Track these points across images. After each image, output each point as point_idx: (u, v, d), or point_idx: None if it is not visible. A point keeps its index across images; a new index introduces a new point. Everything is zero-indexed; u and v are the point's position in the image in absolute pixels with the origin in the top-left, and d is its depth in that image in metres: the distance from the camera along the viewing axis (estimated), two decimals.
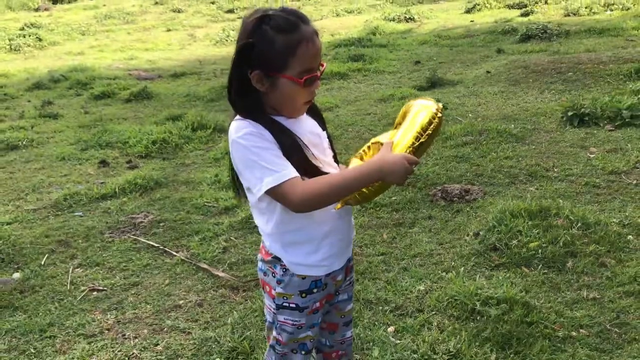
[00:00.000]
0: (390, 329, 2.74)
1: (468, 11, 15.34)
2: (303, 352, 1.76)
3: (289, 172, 1.48)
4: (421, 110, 1.60)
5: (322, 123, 1.73)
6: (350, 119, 6.45)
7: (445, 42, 11.35)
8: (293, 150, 1.53)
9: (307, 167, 1.55)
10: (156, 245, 3.77)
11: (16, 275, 3.44)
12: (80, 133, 6.54)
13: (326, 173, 1.58)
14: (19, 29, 16.52)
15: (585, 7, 12.92)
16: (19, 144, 6.16)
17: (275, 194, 1.50)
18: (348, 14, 17.50)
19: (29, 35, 14.92)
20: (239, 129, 1.52)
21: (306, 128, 1.63)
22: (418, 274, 3.21)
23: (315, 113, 1.71)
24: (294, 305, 1.68)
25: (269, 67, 1.50)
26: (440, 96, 7.05)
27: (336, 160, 1.74)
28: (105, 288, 3.29)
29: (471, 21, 13.75)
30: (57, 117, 7.30)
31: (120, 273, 3.46)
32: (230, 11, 19.30)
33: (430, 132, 1.56)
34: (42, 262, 3.61)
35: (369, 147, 1.68)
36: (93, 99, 8.27)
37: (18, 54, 13.63)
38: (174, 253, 3.65)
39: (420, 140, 1.54)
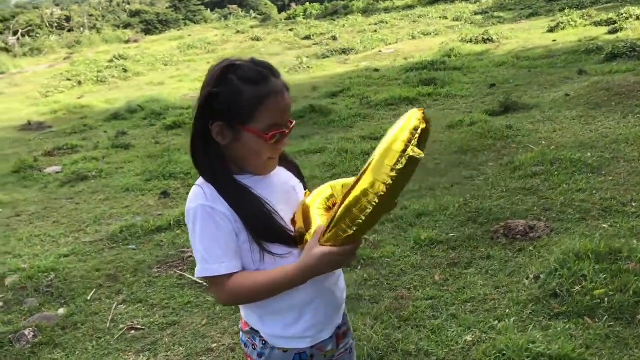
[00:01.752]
0: None
1: (551, 30, 14.67)
2: None
3: (220, 267, 1.37)
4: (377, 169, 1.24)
5: (298, 172, 1.60)
6: None
7: (524, 63, 10.87)
8: (254, 218, 1.39)
9: (270, 233, 1.40)
10: (200, 282, 3.70)
11: (61, 311, 3.46)
12: (148, 163, 6.68)
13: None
14: (108, 61, 17.45)
15: None
16: (88, 175, 6.36)
17: (205, 280, 1.42)
18: (424, 36, 17.21)
19: (116, 67, 15.72)
20: (192, 199, 1.41)
21: (277, 184, 1.49)
22: (467, 322, 2.94)
23: (288, 162, 1.57)
24: None
25: (233, 119, 1.37)
26: (513, 122, 6.68)
27: None
28: (143, 327, 3.24)
29: (553, 41, 13.13)
30: (128, 148, 7.53)
31: (161, 311, 3.41)
32: (307, 37, 19.53)
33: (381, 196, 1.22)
34: (89, 298, 3.63)
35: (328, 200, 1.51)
36: (165, 129, 8.49)
37: (103, 85, 14.34)
38: None
39: (363, 217, 1.24)
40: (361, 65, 13.43)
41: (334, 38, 18.55)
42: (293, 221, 1.46)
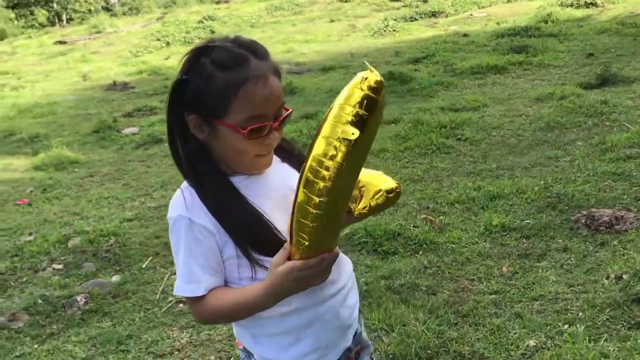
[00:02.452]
0: None
1: None
2: None
3: (197, 288, 1.22)
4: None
5: (300, 166, 1.37)
6: (496, 121, 5.80)
7: (630, 30, 9.91)
8: (239, 228, 1.20)
9: (260, 245, 1.20)
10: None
11: (115, 278, 3.46)
12: None
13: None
14: (197, 22, 17.64)
15: None
16: (162, 137, 6.41)
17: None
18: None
19: (204, 29, 15.86)
20: (172, 206, 1.24)
21: (274, 185, 1.27)
22: (532, 324, 2.65)
23: (293, 156, 1.35)
24: None
25: (206, 111, 1.17)
26: (609, 96, 6.08)
27: None
28: None
29: None
30: None
31: None
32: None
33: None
34: (144, 266, 3.61)
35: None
36: None
37: (190, 46, 14.45)
38: None
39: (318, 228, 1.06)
40: (450, 29, 12.81)
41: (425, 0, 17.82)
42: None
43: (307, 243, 1.07)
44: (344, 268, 1.36)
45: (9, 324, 3.08)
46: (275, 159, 1.31)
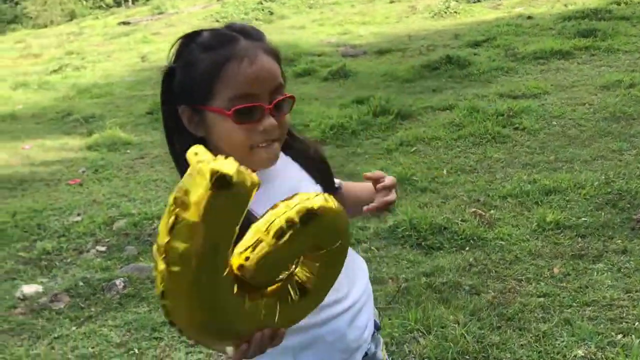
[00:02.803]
0: None
1: None
2: None
3: None
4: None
5: (318, 170, 1.24)
6: (557, 110, 5.49)
7: None
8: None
9: None
10: None
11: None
12: None
13: None
14: (257, 2, 17.62)
15: None
16: None
17: None
18: None
19: (262, 10, 15.83)
20: None
21: (281, 190, 1.09)
22: (582, 332, 2.47)
23: (308, 159, 1.22)
24: None
25: (193, 98, 1.08)
26: None
27: None
28: None
29: None
30: None
31: None
32: None
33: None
34: None
35: None
36: (294, 76, 8.35)
37: None
38: None
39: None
40: (514, 11, 12.29)
41: None
42: None
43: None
44: (356, 283, 1.24)
45: (50, 305, 3.12)
46: (286, 159, 1.20)
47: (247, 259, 0.91)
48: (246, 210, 0.89)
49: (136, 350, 2.70)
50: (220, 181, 0.82)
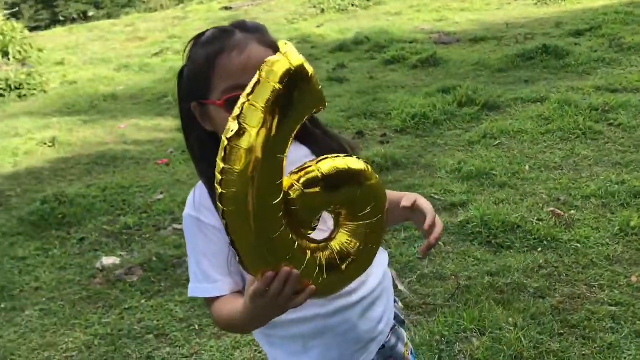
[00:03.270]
0: None
1: None
2: None
3: (210, 288, 1.15)
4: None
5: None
6: None
7: None
8: None
9: None
10: None
11: None
12: (356, 99, 6.56)
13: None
14: None
15: None
16: None
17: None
18: None
19: None
20: (188, 201, 1.19)
21: None
22: None
23: (328, 149, 1.15)
24: None
25: (197, 93, 1.12)
26: None
27: None
28: None
29: None
30: (342, 82, 7.49)
31: None
32: None
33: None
34: None
35: None
36: (383, 63, 8.25)
37: (344, 14, 14.52)
38: None
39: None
40: None
41: None
42: None
43: (243, 260, 0.96)
44: (371, 274, 1.23)
45: (125, 277, 3.31)
46: (302, 151, 1.19)
47: (299, 179, 0.96)
48: (303, 122, 0.94)
49: (197, 327, 2.81)
50: (302, 72, 0.90)
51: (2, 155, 6.02)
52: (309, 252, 0.98)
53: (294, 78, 0.89)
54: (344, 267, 1.02)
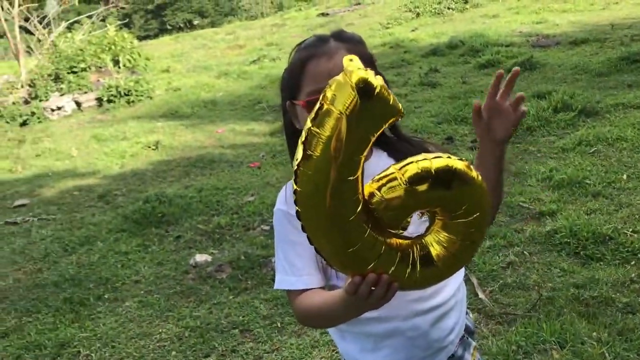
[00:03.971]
0: None
1: None
2: None
3: (297, 281, 1.20)
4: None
5: None
6: None
7: None
8: None
9: None
10: None
11: None
12: (447, 104, 6.51)
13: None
14: None
15: None
16: None
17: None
18: None
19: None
20: (279, 197, 1.27)
21: None
22: None
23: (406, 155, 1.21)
24: None
25: (290, 94, 1.22)
26: None
27: None
28: None
29: None
30: (435, 86, 7.45)
31: None
32: None
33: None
34: None
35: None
36: (477, 67, 8.12)
37: (439, 17, 14.35)
38: None
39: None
40: None
41: None
42: None
43: (330, 264, 1.02)
44: (446, 286, 1.26)
45: (215, 274, 3.50)
46: (384, 159, 1.22)
47: (380, 188, 0.95)
48: (379, 133, 0.93)
49: (279, 324, 2.93)
50: (365, 88, 0.89)
51: (111, 157, 6.51)
52: (399, 253, 0.98)
53: (356, 98, 0.89)
54: (440, 263, 1.00)
